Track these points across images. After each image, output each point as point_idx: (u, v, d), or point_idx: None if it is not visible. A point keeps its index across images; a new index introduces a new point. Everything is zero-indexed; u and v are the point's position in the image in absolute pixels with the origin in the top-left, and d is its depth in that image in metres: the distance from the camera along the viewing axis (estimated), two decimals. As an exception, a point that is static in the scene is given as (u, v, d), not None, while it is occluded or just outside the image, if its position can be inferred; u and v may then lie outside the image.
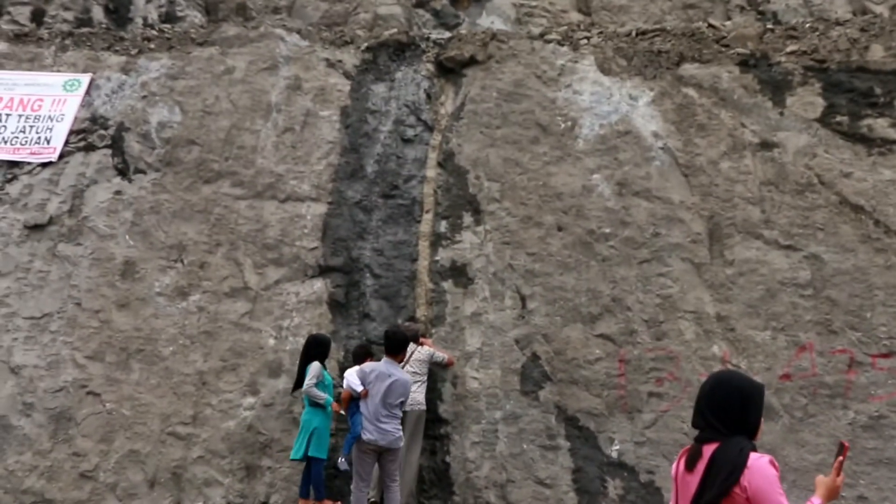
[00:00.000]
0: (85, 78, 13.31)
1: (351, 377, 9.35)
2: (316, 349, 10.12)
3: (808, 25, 12.16)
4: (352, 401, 9.42)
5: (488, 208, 11.39)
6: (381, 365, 9.13)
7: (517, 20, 14.24)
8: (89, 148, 12.60)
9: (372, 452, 9.03)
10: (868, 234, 10.22)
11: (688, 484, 4.04)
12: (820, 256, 10.24)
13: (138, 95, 12.93)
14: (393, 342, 9.18)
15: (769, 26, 12.44)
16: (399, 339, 9.23)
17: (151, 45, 13.73)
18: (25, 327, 11.34)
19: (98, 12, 15.22)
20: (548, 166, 11.45)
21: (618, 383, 10.16)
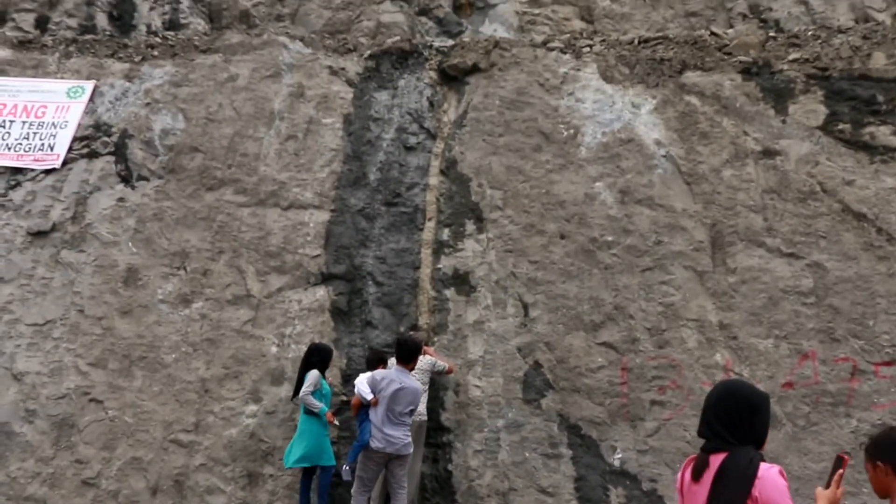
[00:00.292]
0: (88, 85, 13.34)
1: (361, 384, 9.29)
2: (317, 357, 10.13)
3: (811, 33, 12.16)
4: (361, 408, 9.36)
5: (491, 216, 11.39)
6: (392, 373, 9.13)
7: (520, 28, 14.26)
8: (92, 155, 12.62)
9: (379, 460, 9.03)
10: (870, 242, 10.22)
11: (695, 494, 4.04)
12: (822, 264, 10.23)
13: (142, 102, 12.96)
14: (404, 350, 9.16)
15: (771, 34, 12.43)
16: (411, 348, 9.20)
17: (155, 53, 13.76)
18: (28, 334, 11.35)
19: (102, 19, 15.24)
20: (550, 174, 11.46)
21: (620, 391, 10.15)
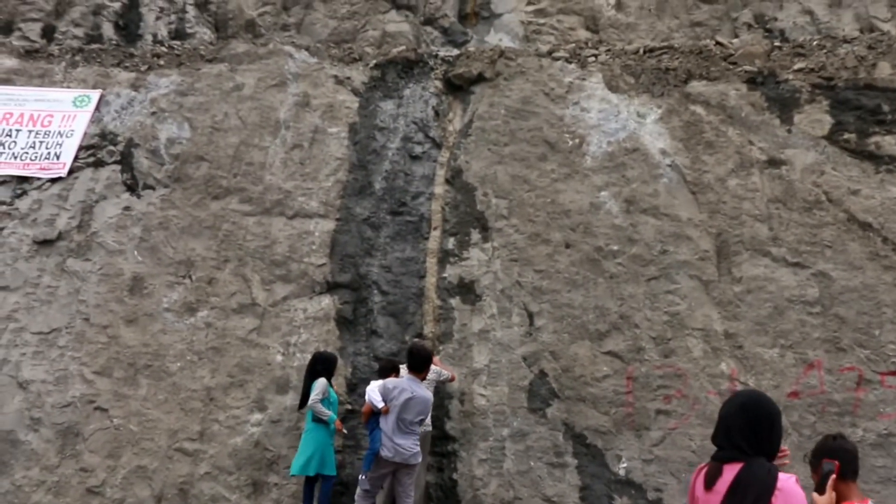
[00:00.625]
0: (95, 94, 13.38)
1: (373, 392, 9.26)
2: (321, 366, 10.14)
3: (816, 43, 12.18)
4: (372, 416, 9.32)
5: (496, 225, 11.40)
6: (404, 382, 9.12)
7: (525, 38, 14.28)
8: (98, 164, 12.65)
9: (387, 468, 9.02)
10: (876, 252, 10.21)
11: (708, 503, 4.04)
12: (828, 274, 10.22)
13: (147, 111, 12.99)
14: (417, 359, 9.16)
15: (776, 44, 12.45)
16: (423, 357, 9.20)
17: (161, 62, 13.80)
18: (34, 342, 11.36)
19: (108, 29, 15.28)
20: (556, 183, 11.47)
21: (625, 401, 10.14)
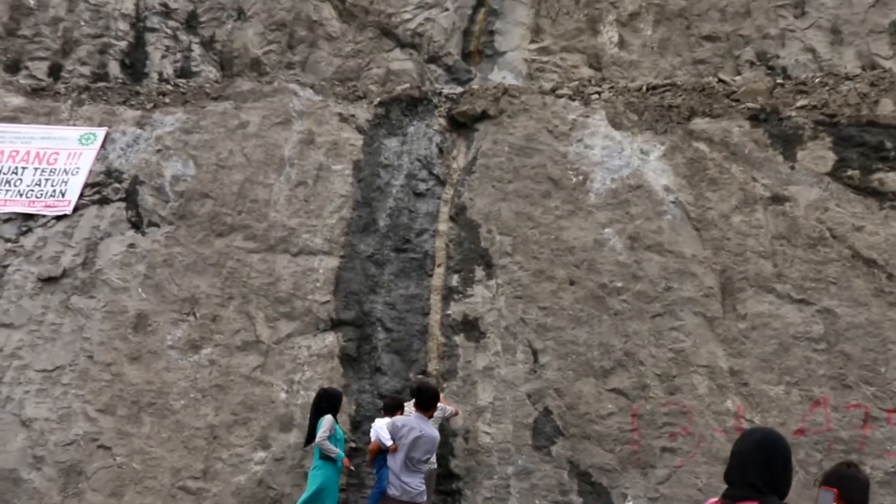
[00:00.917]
0: (100, 132, 13.46)
1: (382, 430, 9.16)
2: (327, 403, 10.08)
3: (818, 80, 12.24)
4: (379, 453, 9.22)
5: (500, 262, 11.41)
6: (413, 420, 9.03)
7: (529, 75, 14.36)
8: (104, 201, 12.70)
9: None
10: (881, 288, 10.19)
11: None
12: (833, 310, 10.20)
13: (153, 149, 13.06)
14: (425, 397, 9.08)
15: (779, 81, 12.51)
16: (431, 394, 9.15)
17: (166, 100, 13.89)
18: (37, 380, 11.35)
19: (114, 67, 15.40)
20: (559, 220, 11.49)
21: (631, 438, 10.09)
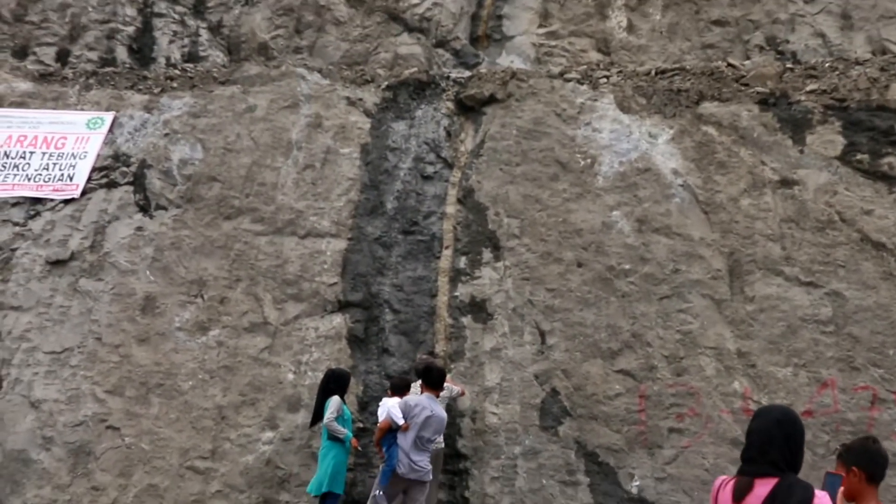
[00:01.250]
0: (108, 116, 13.47)
1: (394, 409, 9.18)
2: (335, 383, 10.10)
3: (828, 65, 12.20)
4: (388, 432, 9.24)
5: (508, 244, 11.40)
6: (424, 399, 9.08)
7: (537, 59, 14.34)
8: (111, 185, 12.71)
9: (400, 485, 8.97)
10: (890, 272, 10.17)
11: None
12: (841, 293, 10.18)
13: (160, 133, 13.06)
14: (434, 376, 9.21)
15: (788, 66, 12.46)
16: (441, 374, 9.30)
17: (174, 84, 13.90)
18: (46, 362, 11.39)
19: (122, 52, 15.42)
20: (567, 203, 11.47)
21: (638, 419, 10.09)
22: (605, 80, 12.73)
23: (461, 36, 14.94)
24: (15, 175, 13.13)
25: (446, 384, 10.12)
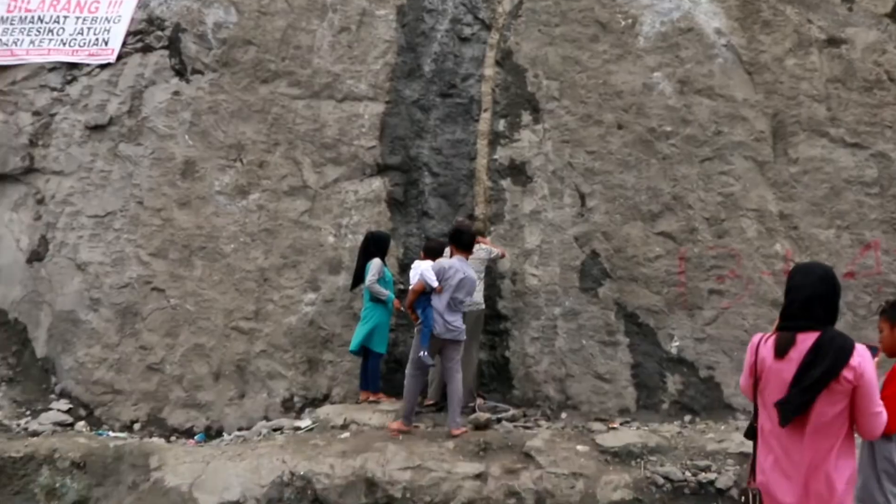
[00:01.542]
0: (140, -22, 13.28)
1: (428, 272, 9.20)
2: (375, 246, 10.22)
3: (879, -83, 11.75)
4: (422, 294, 9.29)
5: (547, 107, 11.27)
6: (456, 262, 9.16)
7: (577, -85, 13.91)
8: (147, 49, 12.61)
9: (437, 345, 9.12)
10: (937, 132, 10.02)
11: (778, 371, 4.17)
12: (887, 154, 10.06)
13: (194, -5, 12.87)
14: (466, 238, 9.27)
15: (837, -81, 12.03)
16: (472, 235, 9.38)
17: (206, -55, 13.63)
18: (90, 225, 11.55)
19: (152, -87, 15.10)
20: (608, 64, 11.27)
21: (678, 281, 10.14)
22: (648, -63, 12.34)
23: None
24: (50, 40, 13.06)
25: (485, 246, 10.20)
